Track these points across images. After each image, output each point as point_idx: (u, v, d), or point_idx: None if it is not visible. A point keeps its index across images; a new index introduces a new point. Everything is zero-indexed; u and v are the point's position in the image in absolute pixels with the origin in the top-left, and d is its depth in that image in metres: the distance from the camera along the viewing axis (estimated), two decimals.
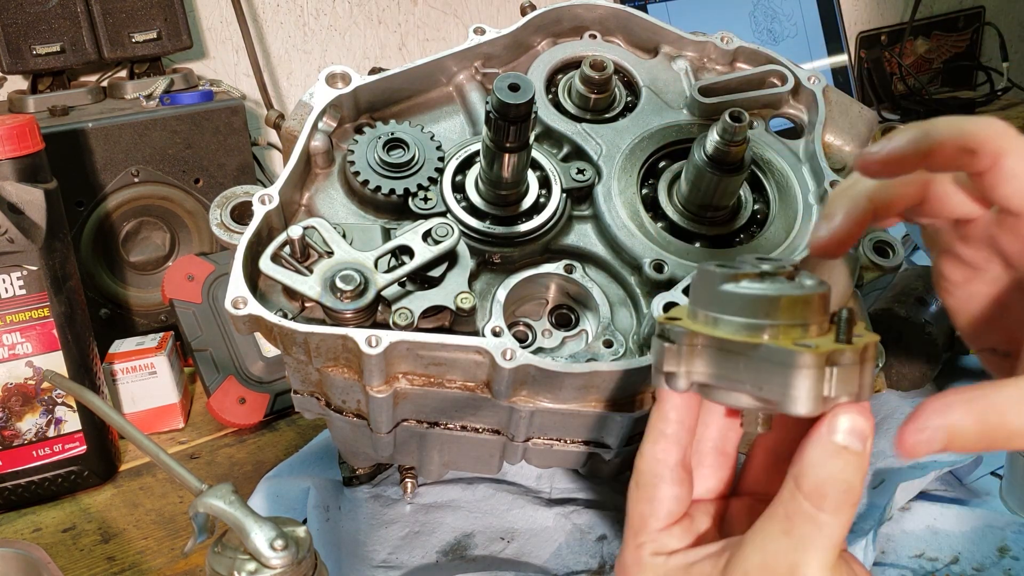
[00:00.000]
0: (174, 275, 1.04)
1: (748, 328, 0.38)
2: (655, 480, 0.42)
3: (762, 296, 0.38)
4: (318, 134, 0.69)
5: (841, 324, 0.38)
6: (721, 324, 0.39)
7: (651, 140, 0.72)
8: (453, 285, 0.63)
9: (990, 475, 0.84)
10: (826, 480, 0.37)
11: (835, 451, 0.37)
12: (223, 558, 0.51)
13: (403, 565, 0.77)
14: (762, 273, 0.39)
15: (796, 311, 0.38)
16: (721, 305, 0.39)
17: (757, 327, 0.38)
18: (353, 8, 1.58)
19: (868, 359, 0.38)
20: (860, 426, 0.37)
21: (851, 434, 0.37)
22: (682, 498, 0.43)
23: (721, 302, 0.39)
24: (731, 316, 0.39)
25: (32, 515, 0.89)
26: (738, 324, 0.38)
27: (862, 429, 0.37)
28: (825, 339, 0.38)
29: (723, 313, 0.39)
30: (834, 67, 1.78)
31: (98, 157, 1.09)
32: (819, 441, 0.38)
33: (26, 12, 1.13)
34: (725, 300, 0.39)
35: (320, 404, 0.69)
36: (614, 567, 0.46)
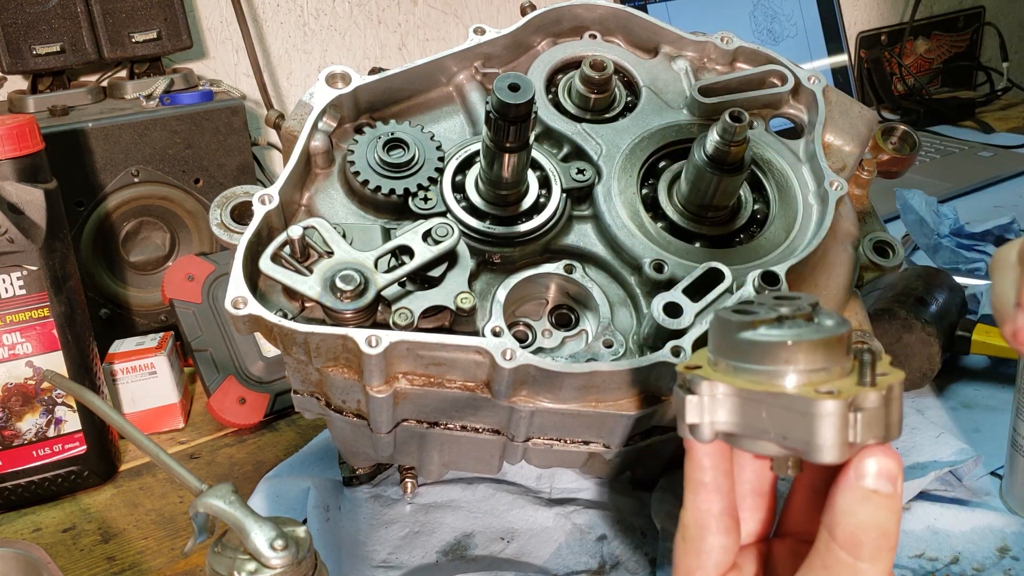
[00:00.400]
0: (174, 275, 1.04)
1: (768, 376, 0.37)
2: (702, 532, 0.41)
3: (780, 342, 0.37)
4: (318, 134, 0.69)
5: (864, 365, 0.37)
6: (741, 373, 0.38)
7: (651, 140, 0.72)
8: (453, 285, 0.63)
9: (990, 475, 0.84)
10: (859, 527, 0.36)
11: (865, 496, 0.37)
12: (223, 558, 0.51)
13: (403, 565, 0.77)
14: (779, 317, 0.38)
15: (816, 355, 0.37)
16: (740, 353, 0.38)
17: (777, 374, 0.37)
18: (353, 8, 1.58)
19: (894, 398, 0.37)
20: (888, 467, 0.37)
21: (880, 477, 0.36)
22: (730, 548, 0.42)
23: (739, 350, 0.38)
24: (750, 364, 0.38)
25: (32, 515, 0.89)
26: (758, 372, 0.38)
27: (890, 470, 0.37)
28: (848, 382, 0.37)
29: (742, 361, 0.38)
30: (834, 67, 1.78)
31: (98, 157, 1.09)
32: (848, 487, 0.37)
33: (26, 12, 1.13)
34: (743, 348, 0.38)
35: (320, 404, 0.69)
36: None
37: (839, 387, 0.36)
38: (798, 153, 0.74)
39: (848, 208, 0.74)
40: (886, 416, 0.37)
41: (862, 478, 0.37)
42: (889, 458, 0.37)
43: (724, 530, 0.41)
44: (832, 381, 0.37)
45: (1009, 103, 2.13)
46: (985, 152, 1.76)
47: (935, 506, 0.78)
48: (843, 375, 0.38)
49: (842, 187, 0.69)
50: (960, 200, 1.54)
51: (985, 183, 1.60)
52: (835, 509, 0.37)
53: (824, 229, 0.68)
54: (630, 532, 0.79)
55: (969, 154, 1.75)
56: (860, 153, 0.77)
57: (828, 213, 0.68)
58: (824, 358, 0.37)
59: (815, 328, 0.38)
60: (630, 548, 0.78)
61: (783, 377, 0.37)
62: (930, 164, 1.71)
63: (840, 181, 0.69)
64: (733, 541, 0.42)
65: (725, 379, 0.38)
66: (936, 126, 1.96)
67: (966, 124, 1.96)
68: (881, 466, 0.37)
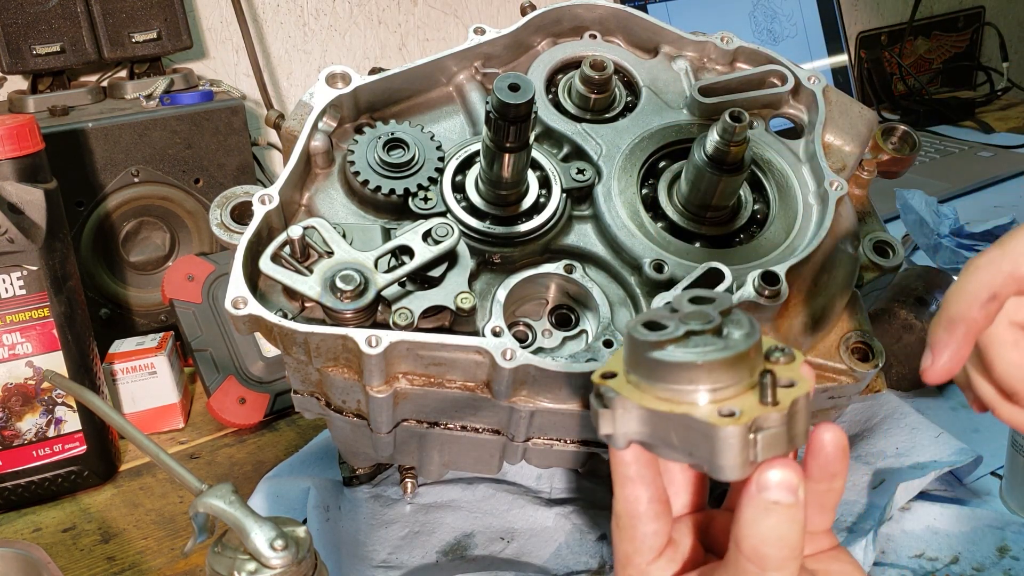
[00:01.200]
0: (174, 275, 1.04)
1: (676, 394, 0.38)
2: (632, 521, 0.43)
3: (685, 363, 0.37)
4: (318, 134, 0.69)
5: (764, 387, 0.37)
6: (648, 390, 0.39)
7: (651, 140, 0.72)
8: (453, 285, 0.63)
9: (990, 475, 0.84)
10: (762, 539, 0.37)
11: (766, 508, 0.37)
12: (223, 558, 0.51)
13: (403, 565, 0.77)
14: (688, 333, 0.39)
15: (721, 374, 0.37)
16: (647, 372, 0.39)
17: (684, 392, 0.38)
18: (353, 8, 1.58)
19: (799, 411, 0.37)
20: (787, 479, 0.37)
21: (780, 489, 0.37)
22: (661, 532, 0.43)
23: (647, 368, 0.39)
24: (656, 383, 0.38)
25: (32, 515, 0.89)
26: (664, 390, 0.38)
27: (789, 481, 0.37)
28: (751, 400, 0.37)
29: (649, 380, 0.39)
30: (834, 67, 1.78)
31: (98, 157, 1.09)
32: (750, 500, 0.38)
33: (26, 12, 1.13)
34: (651, 366, 0.38)
35: (320, 404, 0.69)
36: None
37: (741, 407, 0.37)
38: (798, 153, 0.74)
39: (848, 208, 0.74)
40: (789, 431, 0.37)
41: (763, 490, 0.37)
42: (789, 469, 0.37)
43: (653, 516, 0.43)
44: (737, 398, 0.37)
45: (1009, 103, 2.13)
46: (985, 152, 1.76)
47: (935, 506, 0.78)
48: (750, 388, 0.38)
49: (842, 187, 0.69)
50: (960, 200, 1.54)
51: (985, 183, 1.60)
52: (739, 521, 0.38)
53: (824, 229, 0.68)
54: None
55: (969, 154, 1.75)
56: (860, 153, 0.76)
57: (828, 213, 0.68)
58: (729, 376, 0.38)
59: (721, 346, 0.38)
60: None
61: (690, 395, 0.38)
62: (930, 164, 1.71)
63: (840, 181, 0.69)
64: (664, 524, 0.43)
65: (635, 395, 0.39)
66: (936, 126, 1.96)
67: (966, 124, 1.96)
68: (781, 478, 0.37)
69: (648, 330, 0.39)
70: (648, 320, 0.40)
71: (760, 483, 0.37)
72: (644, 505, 0.42)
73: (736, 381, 0.38)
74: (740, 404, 0.37)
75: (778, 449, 0.37)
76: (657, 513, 0.43)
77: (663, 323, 0.39)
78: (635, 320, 0.40)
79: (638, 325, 0.40)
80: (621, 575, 0.44)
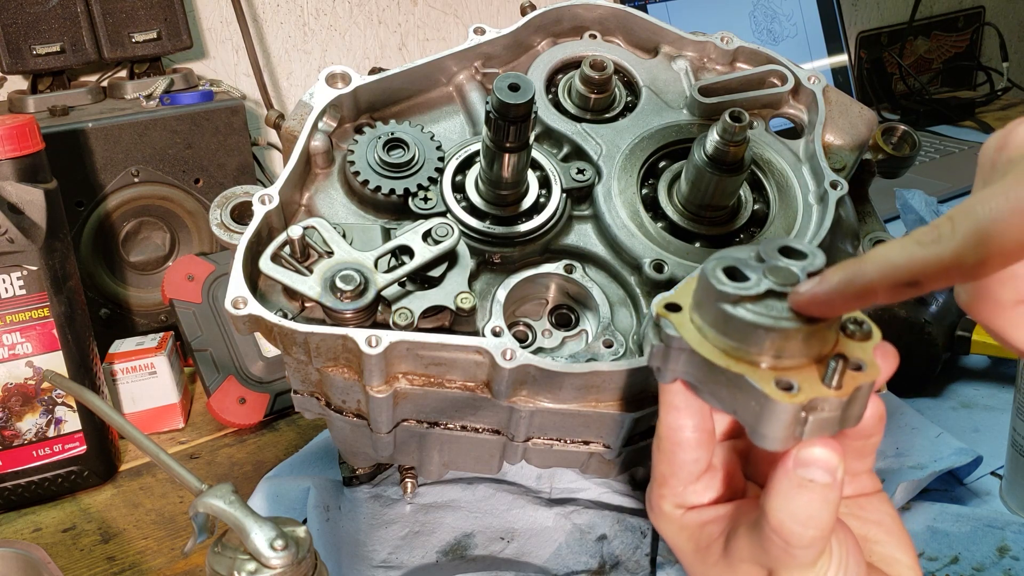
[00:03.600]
0: (174, 275, 1.04)
1: (735, 351, 0.37)
2: (674, 448, 0.42)
3: (756, 324, 0.36)
4: (318, 134, 0.69)
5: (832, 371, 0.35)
6: (710, 339, 0.37)
7: (651, 140, 0.72)
8: (453, 285, 0.63)
9: (990, 475, 0.84)
10: (792, 516, 0.37)
11: (801, 484, 0.37)
12: (223, 558, 0.51)
13: (403, 565, 0.77)
14: (768, 292, 0.37)
15: (789, 344, 0.36)
16: (713, 320, 0.37)
17: (744, 352, 0.36)
18: (353, 8, 1.58)
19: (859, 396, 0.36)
20: (827, 458, 0.36)
21: (818, 467, 0.36)
22: (702, 460, 0.43)
23: (714, 317, 0.37)
24: (721, 335, 0.37)
25: (32, 515, 0.89)
26: (726, 344, 0.37)
27: (828, 461, 0.36)
28: (812, 376, 0.36)
29: (714, 329, 0.37)
30: (834, 67, 1.78)
31: (98, 157, 1.09)
32: (785, 474, 0.37)
33: (26, 12, 1.13)
34: (718, 317, 0.37)
35: (320, 404, 0.69)
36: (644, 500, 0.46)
37: (800, 383, 0.35)
38: (798, 153, 0.74)
39: (848, 208, 0.74)
40: (842, 415, 0.36)
41: (800, 467, 0.37)
42: (830, 449, 0.36)
43: (696, 445, 0.42)
44: (800, 370, 0.36)
45: (1009, 103, 2.13)
46: None
47: (935, 506, 0.78)
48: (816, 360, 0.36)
49: (842, 187, 0.69)
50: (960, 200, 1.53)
51: None
52: (771, 492, 0.37)
53: (824, 229, 0.68)
54: (630, 532, 0.79)
55: (969, 154, 1.75)
56: (860, 153, 0.77)
57: (828, 213, 0.68)
58: (799, 348, 0.36)
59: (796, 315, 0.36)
60: (630, 548, 0.78)
61: (752, 356, 0.36)
62: (930, 164, 1.71)
63: (840, 181, 0.69)
64: (705, 452, 0.43)
65: (694, 339, 0.38)
66: (936, 126, 1.96)
67: (966, 124, 1.96)
68: (820, 456, 0.36)
69: (727, 278, 0.37)
70: (729, 265, 0.38)
71: (799, 459, 0.37)
72: (688, 433, 0.42)
73: (804, 353, 0.36)
74: (801, 378, 0.35)
75: (827, 431, 0.36)
76: (700, 442, 0.42)
77: (744, 273, 0.37)
78: (716, 261, 0.38)
79: (718, 269, 0.37)
80: (656, 492, 0.44)
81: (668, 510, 0.44)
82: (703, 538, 0.43)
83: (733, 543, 0.41)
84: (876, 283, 0.34)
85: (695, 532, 0.43)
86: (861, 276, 0.35)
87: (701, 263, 0.64)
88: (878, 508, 0.45)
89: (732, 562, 0.41)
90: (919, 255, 0.33)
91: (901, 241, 0.34)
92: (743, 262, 0.38)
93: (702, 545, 0.43)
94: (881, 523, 0.44)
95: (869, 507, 0.45)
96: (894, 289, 0.34)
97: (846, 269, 0.35)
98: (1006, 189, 0.32)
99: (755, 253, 0.39)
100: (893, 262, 0.34)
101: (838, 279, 0.35)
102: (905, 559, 0.44)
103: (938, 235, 0.33)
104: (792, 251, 0.38)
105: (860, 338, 0.38)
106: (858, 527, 0.44)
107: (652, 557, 0.76)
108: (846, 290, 0.35)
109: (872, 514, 0.45)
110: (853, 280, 0.35)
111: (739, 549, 0.40)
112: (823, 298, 0.36)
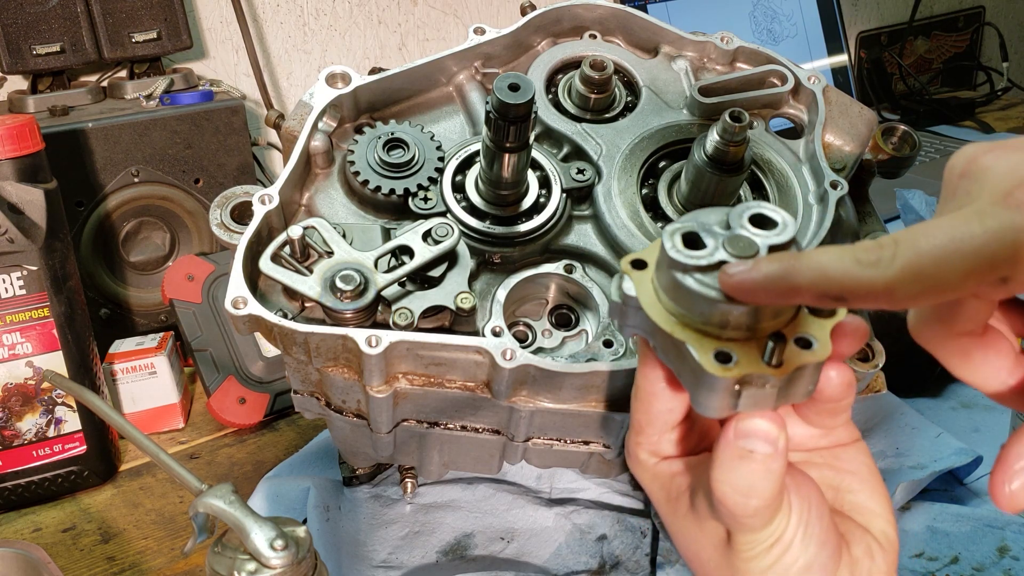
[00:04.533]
0: (174, 275, 1.04)
1: (683, 318, 0.37)
2: (650, 397, 0.43)
3: (701, 295, 0.36)
4: (318, 134, 0.69)
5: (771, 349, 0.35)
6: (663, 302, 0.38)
7: (651, 140, 0.72)
8: (453, 285, 0.63)
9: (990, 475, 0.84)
10: (733, 488, 0.37)
11: (740, 455, 0.37)
12: (223, 558, 0.51)
13: (403, 565, 0.77)
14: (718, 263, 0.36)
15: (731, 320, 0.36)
16: (666, 286, 0.37)
17: (691, 320, 0.36)
18: (353, 8, 1.58)
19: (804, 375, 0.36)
20: (765, 429, 0.36)
21: (755, 438, 0.36)
22: (676, 410, 0.43)
23: (667, 283, 0.37)
24: (671, 301, 0.37)
25: (32, 515, 0.89)
26: (675, 310, 0.37)
27: (767, 431, 0.36)
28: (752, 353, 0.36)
29: (667, 294, 0.38)
30: (834, 67, 1.78)
31: (98, 157, 1.09)
32: (726, 445, 0.37)
33: (26, 12, 1.13)
34: (670, 283, 0.37)
35: (320, 404, 0.69)
36: None
37: (740, 356, 0.35)
38: (798, 153, 0.74)
39: (848, 208, 0.74)
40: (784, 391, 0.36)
41: (739, 438, 0.37)
42: (770, 420, 0.36)
43: (670, 396, 0.42)
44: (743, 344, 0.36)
45: (1009, 103, 2.13)
46: None
47: (935, 506, 0.78)
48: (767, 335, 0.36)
49: (842, 187, 0.69)
50: None
51: None
52: (715, 461, 0.38)
53: (824, 229, 0.68)
54: (630, 532, 0.79)
55: None
56: (860, 153, 0.76)
57: (828, 213, 0.68)
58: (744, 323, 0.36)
59: None
60: (630, 548, 0.78)
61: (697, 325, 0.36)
62: (930, 164, 1.71)
63: (840, 181, 0.69)
64: (679, 404, 0.43)
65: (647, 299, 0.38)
66: (936, 126, 1.96)
67: (966, 124, 1.96)
68: (760, 427, 0.36)
69: (683, 245, 0.37)
70: (689, 231, 0.38)
71: (738, 430, 0.37)
72: (661, 384, 0.42)
73: (751, 327, 0.36)
74: (742, 352, 0.35)
75: (764, 406, 0.36)
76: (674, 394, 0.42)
77: (703, 239, 0.37)
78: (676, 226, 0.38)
79: (676, 235, 0.37)
80: (633, 440, 0.44)
81: (644, 458, 0.44)
82: (673, 489, 0.43)
83: (696, 500, 0.41)
84: (804, 288, 0.34)
85: (666, 482, 0.44)
86: (791, 277, 0.34)
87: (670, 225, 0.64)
88: (854, 458, 0.45)
89: (698, 515, 0.41)
90: (853, 274, 0.32)
91: (841, 252, 0.33)
92: (706, 227, 0.38)
93: (672, 496, 0.43)
94: (856, 472, 0.45)
95: (845, 456, 0.45)
96: (820, 299, 0.34)
97: (781, 263, 0.34)
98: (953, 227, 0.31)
99: (724, 217, 0.38)
100: (827, 273, 0.33)
101: (767, 272, 0.34)
102: (878, 508, 0.44)
103: (878, 259, 0.32)
104: (764, 219, 0.38)
105: (824, 315, 0.37)
106: (832, 476, 0.44)
107: (652, 557, 0.76)
108: (772, 286, 0.34)
109: (848, 464, 0.45)
110: (783, 278, 0.34)
111: (701, 503, 0.41)
112: (748, 287, 0.35)
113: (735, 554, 0.40)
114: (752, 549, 0.39)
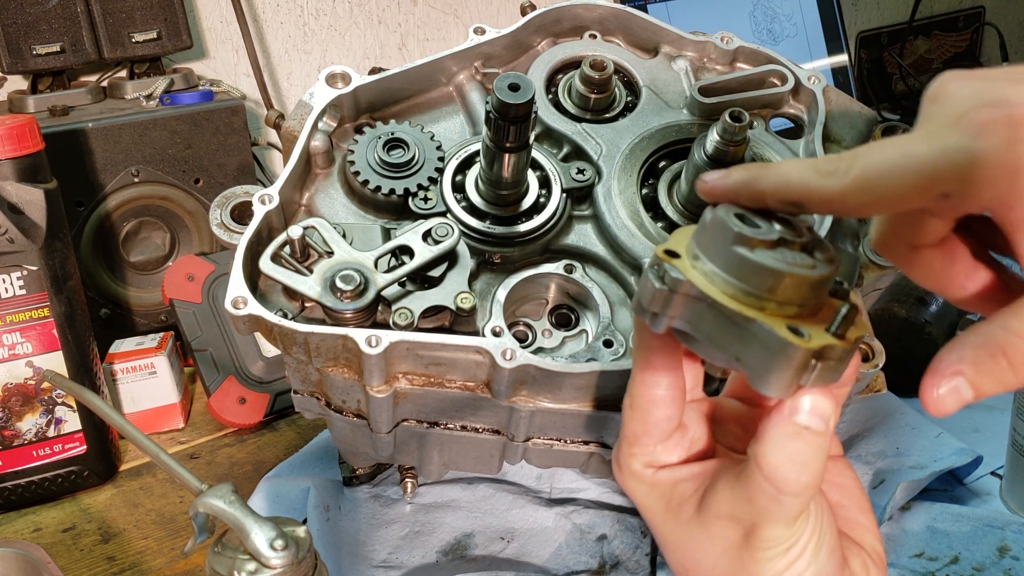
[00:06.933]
0: (174, 275, 1.04)
1: (746, 296, 0.36)
2: (648, 405, 0.43)
3: (772, 269, 0.35)
4: (318, 134, 0.69)
5: (838, 318, 0.36)
6: (719, 283, 0.37)
7: (651, 140, 0.72)
8: (453, 285, 0.63)
9: (990, 475, 0.84)
10: (787, 462, 0.37)
11: (796, 432, 0.37)
12: (223, 558, 0.51)
13: (403, 565, 0.77)
14: (778, 240, 0.37)
15: (801, 291, 0.36)
16: (725, 264, 0.37)
17: (755, 297, 0.36)
18: (353, 8, 1.58)
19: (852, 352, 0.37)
20: (822, 406, 0.37)
21: (813, 415, 0.37)
22: (674, 418, 0.43)
23: (727, 260, 0.37)
24: (732, 279, 0.36)
25: (32, 515, 0.89)
26: (737, 289, 0.36)
27: (823, 409, 0.37)
28: (818, 326, 0.36)
29: (726, 272, 0.37)
30: (834, 67, 1.78)
31: (98, 157, 1.09)
32: (781, 421, 0.37)
33: (26, 12, 1.13)
34: (732, 260, 0.36)
35: (320, 404, 0.69)
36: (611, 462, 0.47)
37: (811, 331, 0.35)
38: (798, 153, 0.74)
39: None
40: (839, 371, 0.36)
41: (796, 414, 0.37)
42: (824, 397, 0.37)
43: (669, 403, 0.43)
44: (804, 320, 0.36)
45: None
46: None
47: (935, 506, 0.78)
48: (815, 313, 0.37)
49: None
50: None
51: None
52: (764, 439, 0.38)
53: (824, 229, 0.68)
54: (630, 532, 0.79)
55: None
56: None
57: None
58: (807, 295, 0.36)
59: (808, 262, 0.37)
60: (630, 548, 0.78)
61: (760, 302, 0.36)
62: None
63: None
64: (677, 411, 0.43)
65: (701, 283, 0.37)
66: None
67: None
68: (815, 404, 0.37)
69: (741, 222, 0.37)
70: (740, 212, 0.38)
71: (795, 406, 0.37)
72: (662, 391, 0.42)
73: (809, 302, 0.36)
74: (809, 328, 0.35)
75: (828, 380, 0.36)
76: (673, 399, 0.43)
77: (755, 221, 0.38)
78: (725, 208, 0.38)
79: (731, 214, 0.38)
80: (626, 451, 0.44)
81: (638, 469, 0.44)
82: (675, 496, 0.43)
83: (710, 498, 0.41)
84: (768, 193, 0.38)
85: (667, 490, 0.43)
86: (757, 182, 0.38)
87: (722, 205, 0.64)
88: (842, 471, 0.46)
89: (706, 519, 0.41)
90: (812, 182, 0.37)
91: (804, 163, 0.37)
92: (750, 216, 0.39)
93: (673, 504, 0.43)
94: (844, 487, 0.45)
95: (835, 470, 0.45)
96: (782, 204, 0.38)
97: (749, 171, 0.39)
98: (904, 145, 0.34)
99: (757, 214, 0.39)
100: (788, 181, 0.37)
101: (737, 179, 0.39)
102: (867, 523, 0.45)
103: (835, 169, 0.36)
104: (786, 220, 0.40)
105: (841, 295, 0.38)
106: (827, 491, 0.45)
107: (652, 557, 0.76)
108: (741, 191, 0.39)
109: (837, 477, 0.45)
110: (749, 184, 0.39)
111: (717, 504, 0.40)
112: (720, 190, 0.39)
113: (751, 553, 0.40)
114: (773, 547, 0.39)
